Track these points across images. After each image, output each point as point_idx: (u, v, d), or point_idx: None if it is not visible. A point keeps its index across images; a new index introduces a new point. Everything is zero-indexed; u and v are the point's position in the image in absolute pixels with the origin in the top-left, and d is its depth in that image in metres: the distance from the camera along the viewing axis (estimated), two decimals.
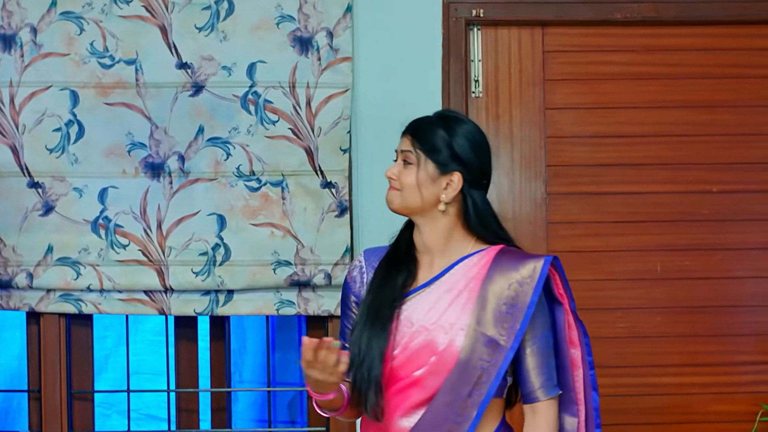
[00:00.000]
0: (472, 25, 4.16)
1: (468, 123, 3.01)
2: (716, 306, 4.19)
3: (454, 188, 2.94)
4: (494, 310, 2.89)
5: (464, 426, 2.86)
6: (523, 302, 2.88)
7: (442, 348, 2.89)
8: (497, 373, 2.86)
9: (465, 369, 2.87)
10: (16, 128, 3.98)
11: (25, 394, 4.17)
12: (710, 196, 4.20)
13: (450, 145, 2.95)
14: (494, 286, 2.90)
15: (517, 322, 2.87)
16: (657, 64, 4.20)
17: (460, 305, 2.91)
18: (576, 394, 2.99)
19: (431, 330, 2.90)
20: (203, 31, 4.01)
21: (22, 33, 3.98)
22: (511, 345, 2.87)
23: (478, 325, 2.88)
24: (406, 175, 2.96)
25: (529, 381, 2.91)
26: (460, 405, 2.86)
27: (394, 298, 2.95)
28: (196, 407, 4.19)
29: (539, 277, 2.89)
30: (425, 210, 2.96)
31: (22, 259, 3.97)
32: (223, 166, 4.00)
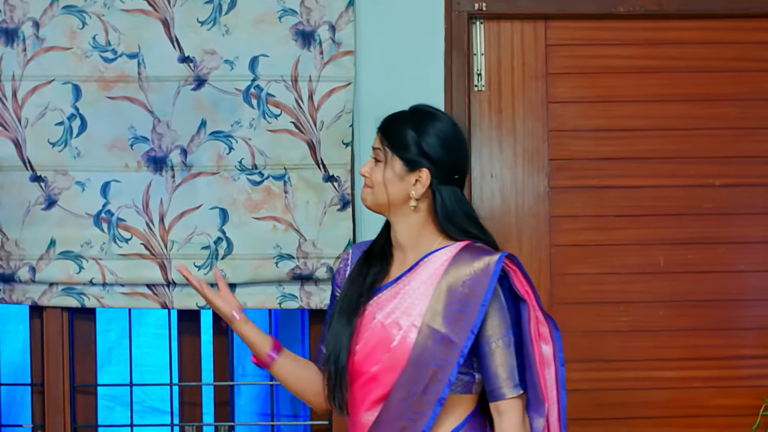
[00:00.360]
0: (474, 19, 4.15)
1: (441, 120, 3.01)
2: (719, 300, 4.19)
3: (422, 185, 2.95)
4: (448, 307, 2.88)
5: (420, 422, 2.87)
6: (477, 300, 2.87)
7: (395, 344, 2.90)
8: (452, 371, 2.86)
9: (417, 366, 2.87)
10: (19, 122, 3.98)
11: (28, 388, 4.18)
12: (713, 189, 4.19)
13: (418, 142, 2.95)
14: (449, 282, 2.90)
15: (471, 319, 2.86)
16: (660, 58, 4.20)
17: (416, 301, 2.92)
18: (545, 393, 2.95)
19: (387, 326, 2.93)
20: (205, 25, 4.00)
21: (25, 27, 3.98)
22: (465, 343, 2.86)
23: (431, 322, 2.88)
24: (376, 172, 2.99)
25: (490, 379, 2.90)
26: (415, 402, 2.87)
27: (360, 294, 2.99)
28: (199, 401, 4.19)
29: (492, 274, 2.88)
30: (395, 207, 2.98)
31: (25, 252, 3.97)
32: (226, 160, 4.00)
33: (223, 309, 3.10)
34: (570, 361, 4.10)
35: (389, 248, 3.05)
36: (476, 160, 4.16)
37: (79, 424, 4.14)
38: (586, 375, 4.15)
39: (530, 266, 4.14)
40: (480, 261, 2.90)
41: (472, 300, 2.87)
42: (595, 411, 4.16)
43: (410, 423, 2.87)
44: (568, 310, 4.16)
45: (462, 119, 4.08)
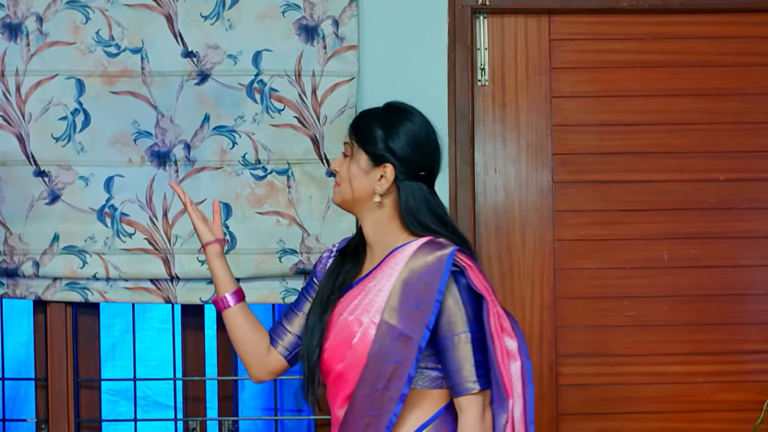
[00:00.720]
0: (478, 14, 4.15)
1: (411, 117, 3.02)
2: (723, 294, 4.18)
3: (387, 180, 2.96)
4: (405, 303, 2.89)
5: (384, 419, 2.88)
6: (431, 295, 2.87)
7: (355, 341, 2.92)
8: (411, 367, 2.86)
9: (377, 363, 2.88)
10: (22, 117, 3.99)
11: (32, 383, 4.19)
12: (717, 184, 4.19)
13: (384, 137, 2.96)
14: (406, 278, 2.91)
15: (426, 315, 2.86)
16: (663, 53, 4.19)
17: (377, 298, 2.93)
18: (509, 388, 2.92)
19: (349, 323, 2.95)
20: (209, 20, 4.00)
21: (28, 22, 3.98)
22: (421, 339, 2.86)
23: (389, 318, 2.89)
24: (342, 166, 3.02)
25: (451, 375, 2.90)
26: (378, 398, 2.88)
27: (332, 292, 3.02)
28: (203, 395, 4.20)
29: (444, 268, 2.88)
30: (361, 202, 2.99)
31: (29, 247, 3.97)
32: (229, 155, 4.00)
33: (203, 234, 3.12)
34: (573, 355, 4.15)
35: (363, 246, 3.07)
36: (480, 154, 4.16)
37: (83, 418, 4.14)
38: (589, 370, 4.15)
39: (534, 261, 4.15)
40: (433, 256, 2.90)
41: (426, 295, 2.87)
42: (598, 406, 4.15)
43: (374, 419, 2.88)
44: (571, 304, 4.15)
45: (465, 114, 4.08)
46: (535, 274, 4.16)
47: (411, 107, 3.06)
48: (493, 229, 4.15)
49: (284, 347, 3.13)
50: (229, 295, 3.11)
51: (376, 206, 2.98)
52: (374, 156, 2.96)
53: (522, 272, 4.16)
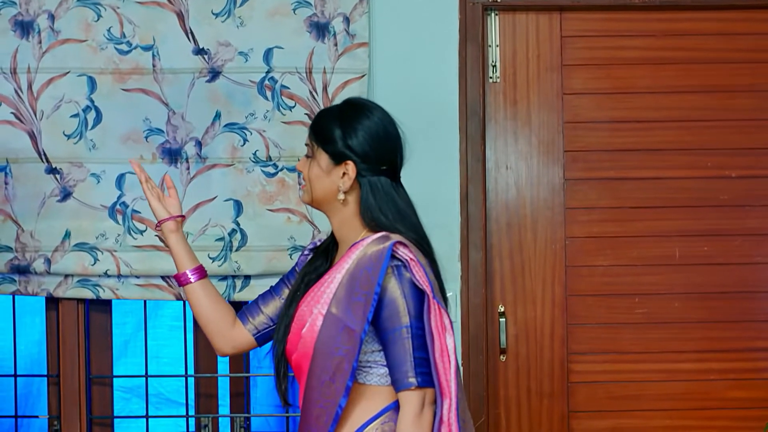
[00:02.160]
0: (489, 10, 4.14)
1: (368, 112, 3.00)
2: (735, 292, 4.17)
3: (349, 177, 2.95)
4: (349, 296, 2.88)
5: (331, 411, 2.87)
6: (371, 287, 2.86)
7: (304, 331, 2.93)
8: (354, 359, 2.85)
9: (323, 354, 2.88)
10: (34, 114, 4.00)
11: (44, 380, 4.20)
12: (729, 181, 4.18)
13: (342, 135, 2.95)
14: (353, 273, 2.90)
15: (367, 308, 2.86)
16: (675, 49, 4.18)
17: (326, 292, 2.93)
18: (445, 388, 2.89)
19: (302, 316, 2.95)
20: (220, 17, 4.01)
21: (40, 19, 3.99)
22: (363, 331, 2.85)
23: (335, 311, 2.89)
24: (305, 166, 3.02)
25: (391, 370, 2.89)
26: (325, 390, 2.88)
27: (297, 289, 3.03)
28: (215, 392, 4.20)
29: (384, 261, 2.86)
30: (327, 202, 2.99)
31: (40, 244, 3.98)
32: (240, 152, 4.00)
33: (158, 211, 3.11)
34: (585, 353, 4.14)
35: (334, 243, 3.08)
36: (491, 151, 4.16)
37: (95, 415, 4.15)
38: (601, 367, 4.15)
39: (545, 258, 4.14)
40: (375, 248, 2.89)
41: (367, 288, 2.87)
42: (609, 403, 4.15)
43: (323, 411, 2.88)
44: (582, 301, 4.15)
45: (476, 111, 4.08)
46: (546, 272, 4.15)
47: (368, 102, 3.06)
48: (505, 226, 4.15)
49: (254, 326, 3.12)
50: (190, 271, 3.10)
51: (340, 204, 2.97)
52: (334, 155, 2.96)
53: (533, 269, 4.16)
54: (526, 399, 4.15)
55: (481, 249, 4.08)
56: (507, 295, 4.15)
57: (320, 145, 2.97)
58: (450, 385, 2.89)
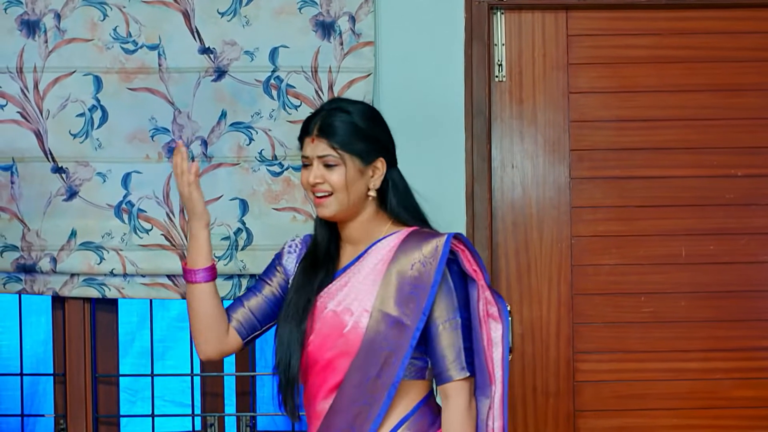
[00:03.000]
0: (495, 9, 4.14)
1: (364, 105, 3.04)
2: (741, 291, 4.17)
3: (380, 174, 2.97)
4: (399, 290, 2.89)
5: (375, 407, 2.88)
6: (426, 282, 2.88)
7: (346, 330, 2.92)
8: (405, 354, 2.87)
9: (370, 350, 2.88)
10: (40, 114, 4.00)
11: (50, 378, 4.20)
12: (735, 180, 4.17)
13: (365, 133, 2.95)
14: (399, 266, 2.91)
15: (421, 301, 2.88)
16: (681, 48, 4.17)
17: (366, 287, 2.93)
18: (492, 374, 2.94)
19: (339, 312, 2.94)
20: (226, 16, 4.01)
21: (46, 19, 4.00)
22: (417, 325, 2.87)
23: (382, 306, 2.89)
24: (334, 175, 2.95)
25: (438, 362, 2.91)
26: (369, 386, 2.88)
27: (308, 299, 2.98)
28: (221, 391, 4.21)
29: (441, 255, 2.89)
30: (357, 204, 2.98)
31: (46, 243, 3.99)
32: (246, 151, 4.00)
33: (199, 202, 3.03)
34: (591, 351, 4.14)
35: (335, 247, 3.05)
36: (497, 150, 4.15)
37: (101, 414, 4.16)
38: (607, 366, 4.15)
39: (551, 257, 4.14)
40: (428, 244, 2.92)
41: (422, 283, 2.88)
42: (616, 402, 4.15)
43: (365, 407, 2.89)
44: (589, 301, 4.15)
45: (482, 110, 4.07)
46: (552, 271, 4.15)
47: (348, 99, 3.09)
48: (510, 225, 4.15)
49: (238, 321, 3.07)
50: (202, 270, 3.05)
51: (366, 204, 2.98)
52: (364, 155, 2.95)
53: (539, 268, 4.15)
54: (531, 398, 4.15)
55: (486, 248, 4.07)
56: (513, 294, 4.15)
57: (347, 150, 2.94)
58: (495, 374, 2.94)
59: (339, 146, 2.94)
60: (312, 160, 2.97)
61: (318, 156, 2.96)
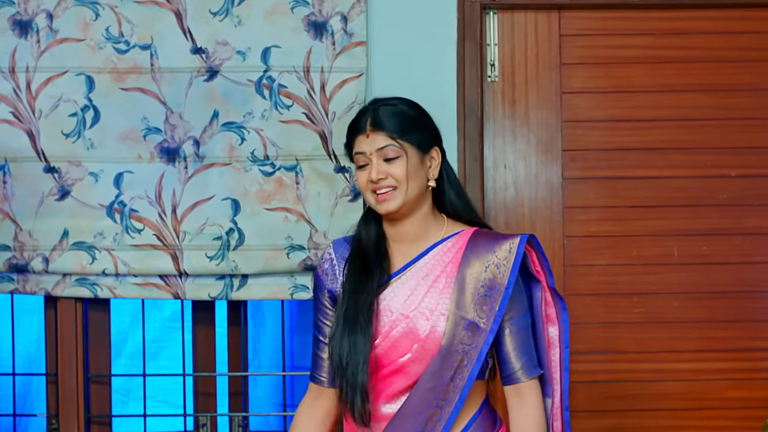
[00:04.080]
0: (487, 9, 4.14)
1: (405, 99, 3.01)
2: (734, 291, 4.16)
3: (437, 165, 2.97)
4: (473, 293, 2.88)
5: (447, 410, 2.87)
6: (501, 283, 2.88)
7: (424, 335, 2.88)
8: (478, 355, 2.87)
9: (447, 354, 2.87)
10: (33, 113, 4.00)
11: (43, 378, 4.20)
12: (728, 180, 4.16)
13: (421, 123, 2.95)
14: (471, 269, 2.90)
15: (495, 303, 2.87)
16: (674, 48, 4.17)
17: (438, 290, 2.90)
18: (551, 374, 2.99)
19: (411, 317, 2.90)
20: (218, 16, 4.01)
21: (39, 19, 4.00)
22: (491, 327, 2.87)
23: (457, 309, 2.88)
24: (397, 167, 2.91)
25: (509, 362, 2.91)
26: (443, 389, 2.87)
27: (371, 302, 2.92)
28: (214, 391, 4.21)
29: (515, 258, 2.90)
30: (420, 197, 2.95)
31: (38, 243, 3.99)
32: (238, 151, 4.00)
33: None
34: (583, 352, 4.13)
35: (384, 245, 3.01)
36: (489, 150, 4.15)
37: (93, 413, 4.16)
38: (599, 366, 4.14)
39: None
40: (501, 246, 2.92)
41: (496, 284, 2.88)
42: (608, 403, 4.14)
43: (438, 410, 2.88)
44: (581, 301, 4.14)
45: (474, 110, 4.07)
46: None
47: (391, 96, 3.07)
48: (503, 225, 4.14)
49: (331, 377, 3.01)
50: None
51: (426, 197, 2.95)
52: (422, 145, 2.93)
53: None
54: None
55: None
56: None
57: (407, 140, 2.91)
58: (554, 376, 2.98)
59: (398, 135, 2.91)
60: (369, 157, 2.92)
61: (377, 149, 2.91)
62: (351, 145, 2.98)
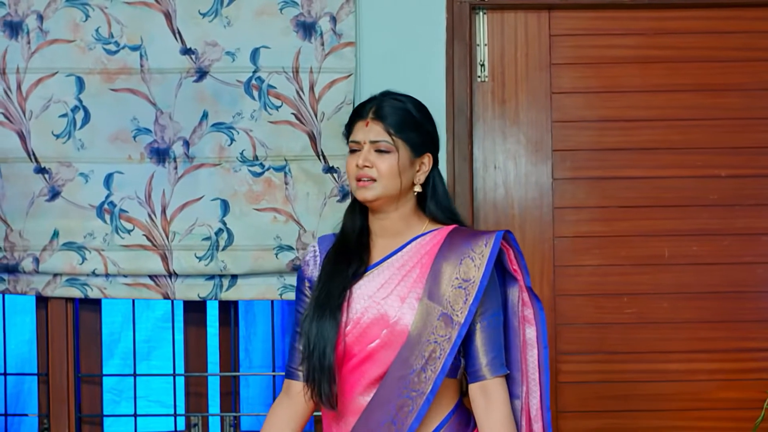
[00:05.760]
0: (477, 9, 4.14)
1: (415, 98, 3.03)
2: (724, 292, 4.15)
3: (425, 171, 2.97)
4: (447, 285, 2.88)
5: (418, 401, 2.86)
6: (475, 277, 2.88)
7: (393, 321, 2.89)
8: (451, 348, 2.87)
9: (417, 342, 2.86)
10: (23, 114, 4.01)
11: (35, 379, 4.21)
12: (718, 180, 4.15)
13: (421, 126, 2.95)
14: (447, 262, 2.90)
15: (470, 296, 2.87)
16: (664, 48, 4.16)
17: (411, 280, 2.91)
18: (526, 375, 2.97)
19: (382, 304, 2.91)
20: (207, 17, 4.02)
21: (29, 20, 4.01)
22: (465, 319, 2.87)
23: (430, 300, 2.88)
24: (384, 162, 2.93)
25: (476, 358, 2.90)
26: (414, 379, 2.86)
27: (344, 287, 2.93)
28: (205, 391, 4.21)
29: (491, 252, 2.90)
30: (401, 196, 2.96)
31: (29, 243, 4.00)
32: (227, 151, 4.01)
33: None
34: (573, 353, 4.13)
35: (366, 238, 3.02)
36: (479, 151, 4.15)
37: (84, 413, 4.17)
38: (589, 367, 4.14)
39: (533, 257, 4.13)
40: (478, 240, 2.92)
41: (471, 278, 2.89)
42: (598, 404, 4.13)
43: (408, 401, 2.87)
44: (571, 301, 4.14)
45: (464, 110, 4.07)
46: (534, 271, 4.13)
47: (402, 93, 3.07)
48: (493, 225, 4.14)
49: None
50: None
51: (408, 197, 2.97)
52: (416, 145, 2.95)
53: None
54: None
55: None
56: None
57: (403, 138, 2.93)
58: (532, 375, 2.97)
59: (394, 131, 2.93)
60: (363, 144, 2.95)
61: (371, 141, 2.95)
62: (351, 128, 3.02)
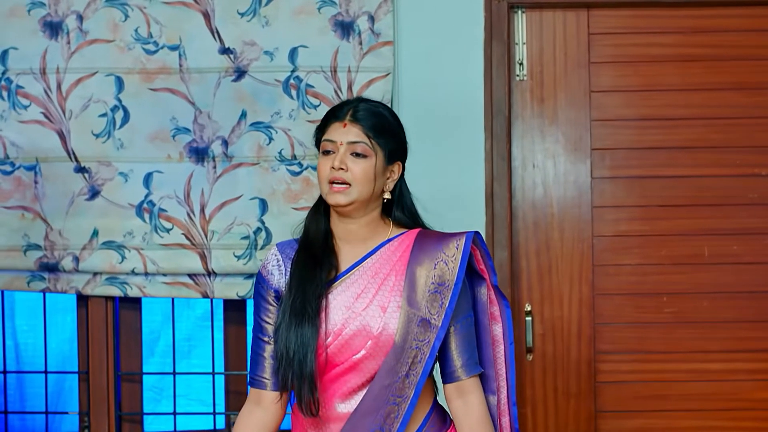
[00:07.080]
0: (515, 8, 4.13)
1: (388, 107, 3.00)
2: (764, 291, 4.13)
3: (394, 179, 2.96)
4: (423, 290, 2.88)
5: (403, 406, 2.86)
6: (450, 280, 2.87)
7: (377, 332, 2.87)
8: (431, 351, 2.86)
9: (402, 350, 2.86)
10: (63, 114, 4.04)
11: (76, 376, 4.24)
12: (758, 179, 4.13)
13: (397, 134, 2.95)
14: (421, 266, 2.89)
15: (445, 299, 2.87)
16: (703, 46, 4.14)
17: (389, 288, 2.89)
18: (497, 371, 2.98)
19: (364, 315, 2.88)
20: (245, 17, 4.03)
21: (69, 20, 4.03)
22: (442, 323, 2.87)
23: (409, 306, 2.87)
24: (359, 166, 2.89)
25: (451, 359, 2.90)
26: (399, 386, 2.86)
27: (320, 294, 2.89)
28: (245, 389, 4.22)
29: (463, 254, 2.89)
30: (371, 202, 2.93)
31: (69, 242, 4.03)
32: (266, 151, 4.02)
33: None
34: (612, 352, 4.12)
35: (331, 241, 2.98)
36: (518, 150, 4.14)
37: (124, 411, 4.19)
38: (628, 366, 4.13)
39: (572, 257, 4.12)
40: (449, 242, 2.91)
41: (445, 281, 2.87)
42: (637, 403, 4.13)
43: (395, 407, 2.87)
44: (610, 301, 4.13)
45: (502, 109, 4.06)
46: (573, 271, 4.13)
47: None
48: (531, 224, 4.13)
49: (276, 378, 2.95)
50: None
51: (377, 204, 2.95)
52: (390, 152, 2.93)
53: (560, 268, 4.14)
54: (552, 399, 4.14)
55: (506, 248, 4.06)
56: (533, 294, 4.13)
57: (378, 142, 2.90)
58: (500, 373, 2.98)
59: (373, 135, 2.89)
60: (338, 146, 2.89)
61: (348, 142, 2.89)
62: (323, 129, 2.95)
